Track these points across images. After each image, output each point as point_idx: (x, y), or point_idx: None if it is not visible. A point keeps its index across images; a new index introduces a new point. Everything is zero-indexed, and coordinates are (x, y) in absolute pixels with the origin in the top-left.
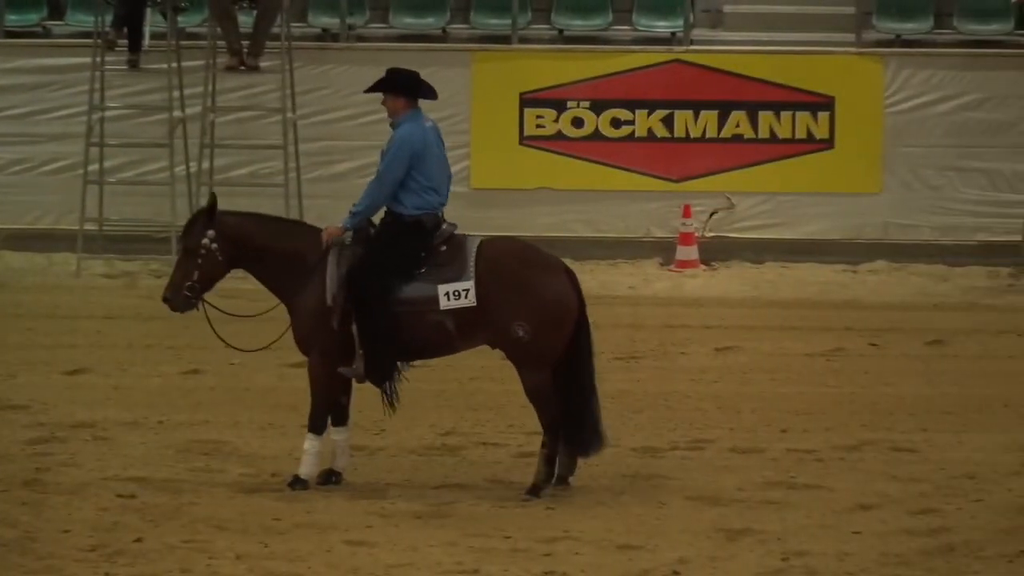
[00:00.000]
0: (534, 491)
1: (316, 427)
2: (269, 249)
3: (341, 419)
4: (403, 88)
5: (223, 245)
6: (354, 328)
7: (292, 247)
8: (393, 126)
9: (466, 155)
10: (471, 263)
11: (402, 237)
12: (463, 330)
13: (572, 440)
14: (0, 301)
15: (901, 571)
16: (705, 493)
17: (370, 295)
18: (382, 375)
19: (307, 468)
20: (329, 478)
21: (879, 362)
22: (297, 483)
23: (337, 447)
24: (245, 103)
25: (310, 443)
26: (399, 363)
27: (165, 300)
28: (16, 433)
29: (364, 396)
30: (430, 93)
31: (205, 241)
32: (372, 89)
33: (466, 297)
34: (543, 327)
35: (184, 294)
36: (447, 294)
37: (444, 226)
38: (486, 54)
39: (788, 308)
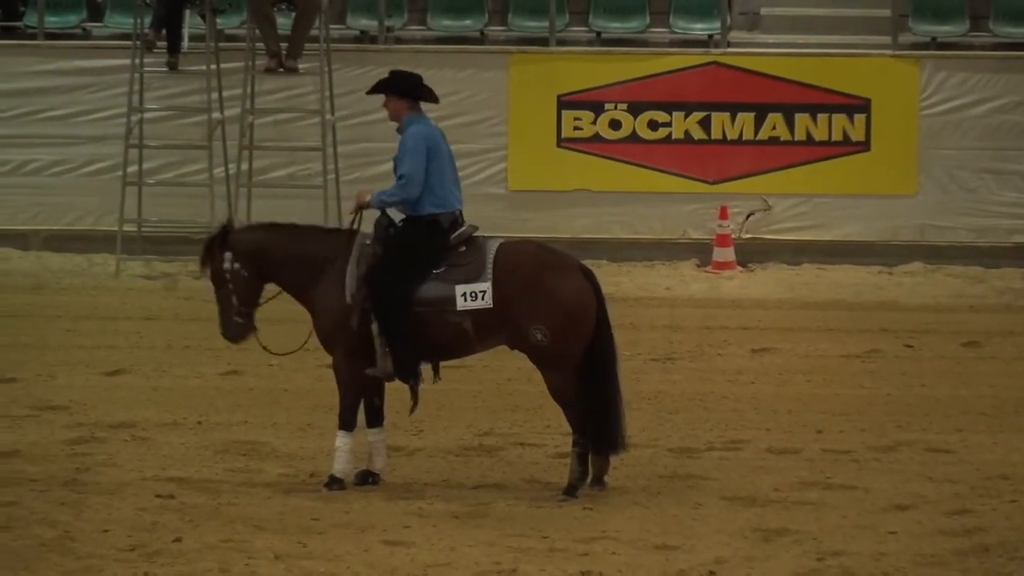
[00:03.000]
0: (570, 491)
1: (345, 424)
2: (287, 255)
3: (376, 420)
4: (406, 90)
5: (244, 262)
6: (373, 327)
7: (310, 250)
8: (399, 130)
9: (504, 157)
10: (489, 265)
11: (419, 236)
12: (481, 331)
13: (597, 440)
14: (40, 302)
15: (936, 571)
16: (741, 493)
17: (388, 295)
18: (407, 373)
19: (341, 465)
20: (366, 479)
21: (915, 364)
22: (333, 483)
23: (373, 448)
24: (284, 105)
25: (341, 440)
26: (422, 363)
27: (225, 338)
28: (56, 433)
29: (403, 397)
30: (431, 96)
31: (226, 265)
32: (374, 90)
33: (483, 299)
34: (561, 328)
35: (235, 321)
36: (464, 295)
37: (464, 227)
38: (524, 56)
39: (824, 310)
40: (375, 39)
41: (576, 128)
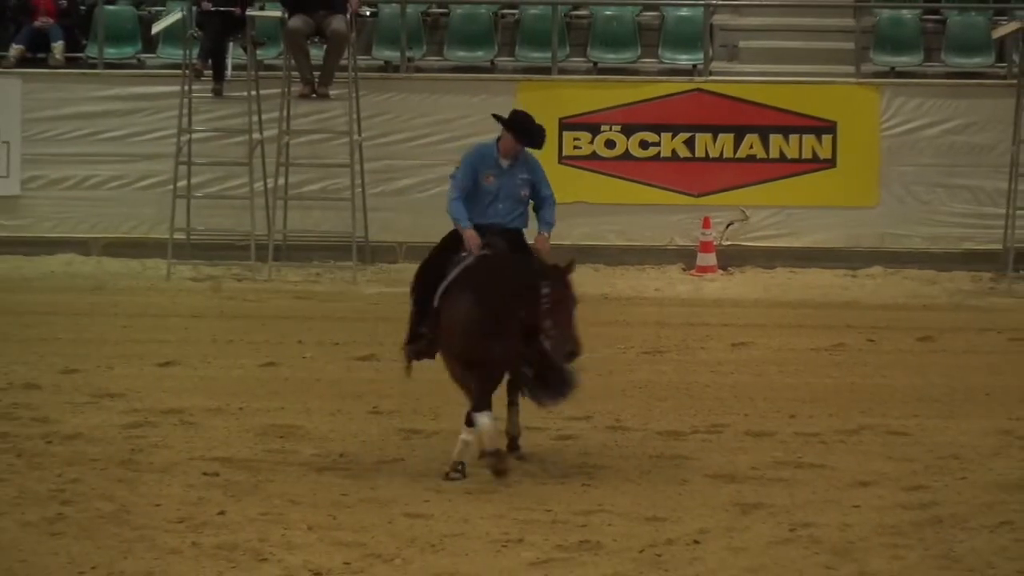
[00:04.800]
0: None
1: (479, 406)
2: None
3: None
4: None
5: None
6: None
7: None
8: (514, 158)
9: None
10: None
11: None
12: None
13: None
14: (99, 302)
15: (895, 540)
16: (722, 471)
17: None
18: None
19: (489, 442)
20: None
21: (876, 356)
22: (490, 456)
23: (461, 443)
24: (316, 126)
25: (480, 420)
26: None
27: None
28: (113, 418)
29: (417, 385)
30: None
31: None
32: (525, 138)
33: None
34: None
35: None
36: None
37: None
38: (529, 84)
39: (796, 308)
40: (398, 68)
41: (576, 147)
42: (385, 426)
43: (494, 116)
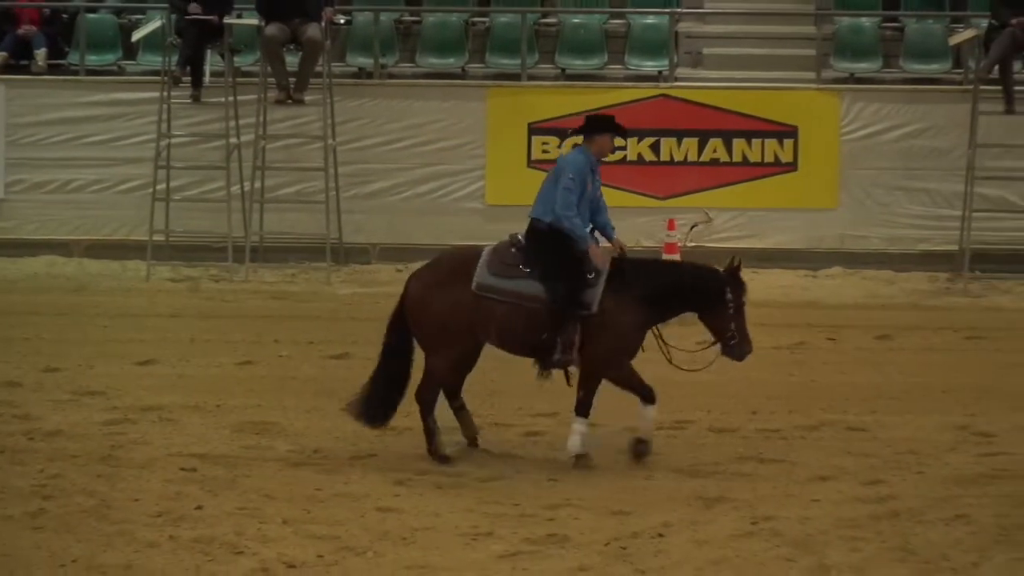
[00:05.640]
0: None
1: (652, 397)
2: None
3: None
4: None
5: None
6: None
7: None
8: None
9: (482, 176)
10: None
11: None
12: None
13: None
14: (80, 302)
15: (854, 533)
16: (686, 466)
17: None
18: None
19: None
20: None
21: (836, 354)
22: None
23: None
24: (292, 131)
25: (651, 411)
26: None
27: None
28: (94, 415)
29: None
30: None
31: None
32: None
33: None
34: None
35: None
36: None
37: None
38: (499, 89)
39: (757, 307)
40: (371, 75)
41: (544, 151)
42: (358, 423)
43: (580, 129)
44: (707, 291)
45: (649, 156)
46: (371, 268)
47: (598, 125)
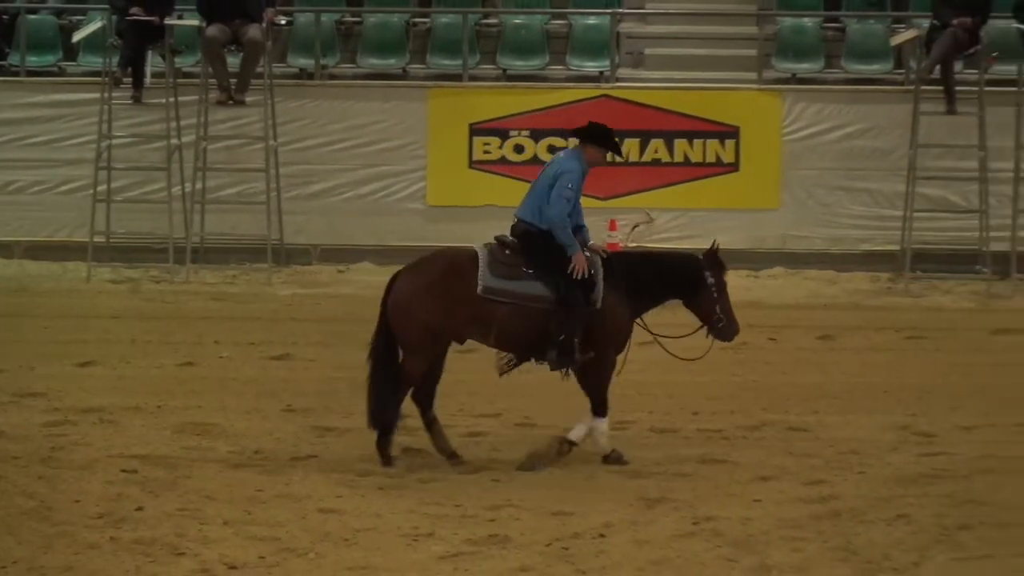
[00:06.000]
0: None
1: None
2: None
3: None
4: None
5: None
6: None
7: None
8: None
9: (423, 177)
10: None
11: None
12: None
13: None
14: (20, 303)
15: (795, 533)
16: (628, 467)
17: None
18: None
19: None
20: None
21: (777, 354)
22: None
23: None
24: (233, 132)
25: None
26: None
27: None
28: (34, 417)
29: (330, 384)
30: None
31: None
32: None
33: None
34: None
35: None
36: None
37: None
38: (440, 90)
39: None
40: (312, 75)
41: (486, 152)
42: (299, 424)
43: (579, 132)
44: (689, 277)
45: None
46: (312, 269)
47: (598, 136)
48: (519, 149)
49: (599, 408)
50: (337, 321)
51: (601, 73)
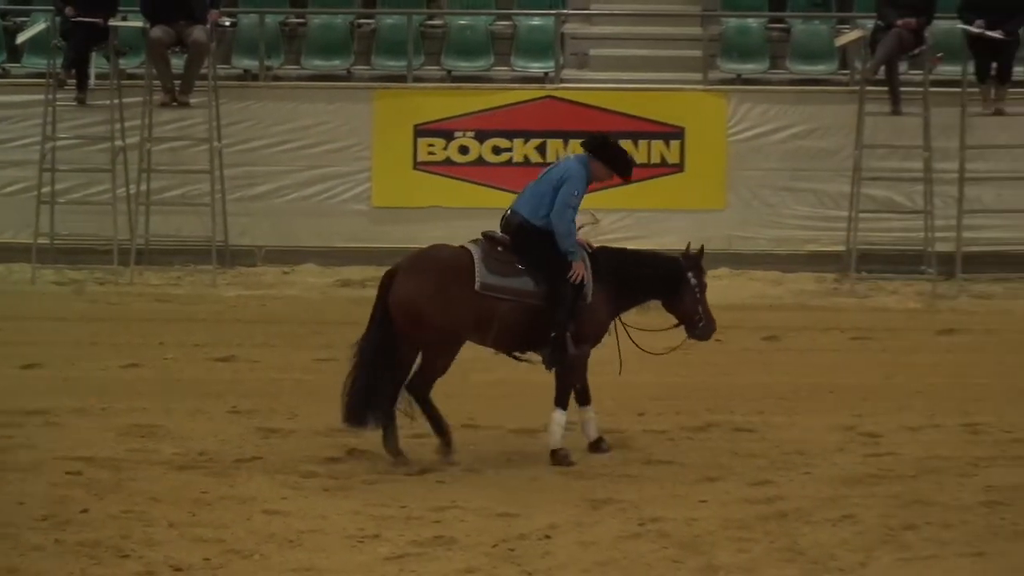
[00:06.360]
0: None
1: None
2: None
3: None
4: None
5: None
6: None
7: None
8: None
9: (368, 178)
10: None
11: None
12: None
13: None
14: None
15: (741, 534)
16: (573, 468)
17: None
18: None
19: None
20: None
21: (723, 355)
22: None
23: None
24: (177, 134)
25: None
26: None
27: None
28: None
29: (275, 385)
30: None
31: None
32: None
33: None
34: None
35: None
36: None
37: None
38: (385, 91)
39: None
40: (256, 77)
41: (430, 153)
42: (244, 425)
43: (593, 143)
44: (673, 278)
45: (535, 158)
46: (257, 270)
47: (612, 158)
48: (464, 150)
49: (562, 400)
50: (282, 322)
51: (546, 74)
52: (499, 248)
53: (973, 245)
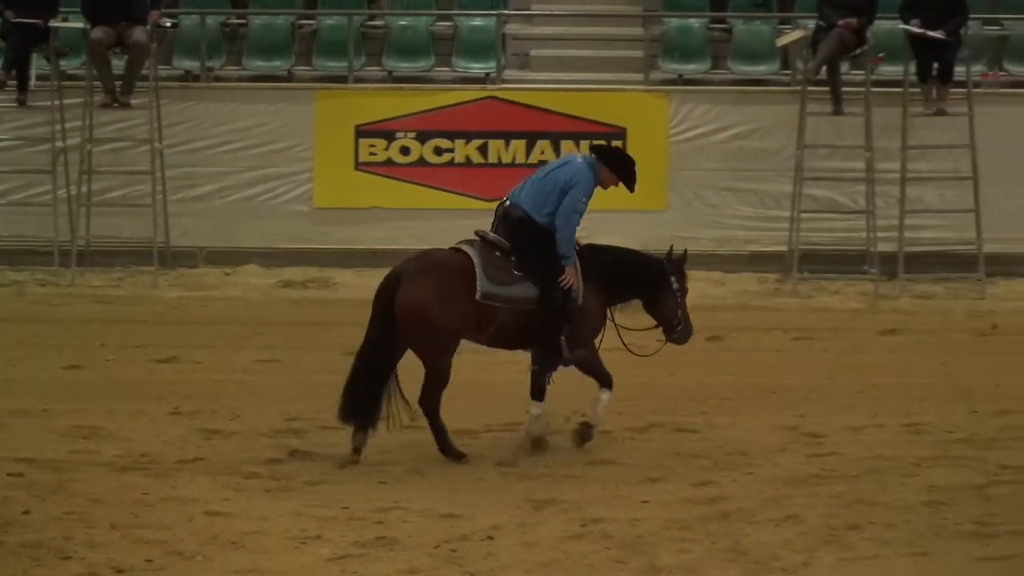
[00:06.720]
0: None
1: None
2: None
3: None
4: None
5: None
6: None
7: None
8: None
9: (309, 179)
10: None
11: None
12: None
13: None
14: None
15: (684, 534)
16: (516, 468)
17: None
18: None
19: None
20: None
21: (665, 355)
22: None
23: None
24: (118, 135)
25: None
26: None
27: None
28: None
29: (216, 386)
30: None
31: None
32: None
33: None
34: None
35: None
36: None
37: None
38: (326, 92)
39: None
40: (197, 78)
41: (372, 154)
42: (185, 426)
43: (602, 151)
44: (656, 280)
45: (477, 158)
46: (198, 272)
47: (620, 167)
48: (405, 151)
49: (604, 381)
50: (223, 323)
51: (487, 75)
52: (496, 253)
53: (915, 245)
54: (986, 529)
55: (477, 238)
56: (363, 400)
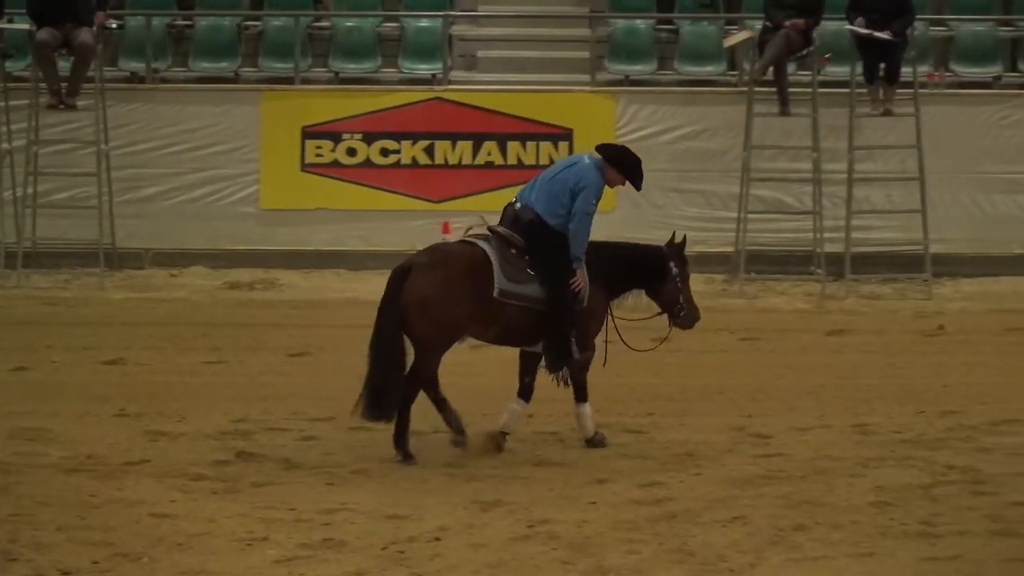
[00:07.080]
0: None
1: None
2: None
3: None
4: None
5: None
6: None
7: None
8: None
9: (256, 180)
10: None
11: None
12: None
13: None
14: None
15: (631, 535)
16: (463, 469)
17: None
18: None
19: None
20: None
21: (612, 356)
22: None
23: (512, 413)
24: (64, 136)
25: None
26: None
27: None
28: None
29: (162, 388)
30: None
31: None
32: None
33: None
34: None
35: None
36: None
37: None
38: (273, 93)
39: None
40: (143, 79)
41: (318, 155)
42: (132, 428)
43: (608, 152)
44: (656, 267)
45: (423, 159)
46: (145, 273)
47: (627, 168)
48: (352, 152)
49: (581, 395)
50: (170, 325)
51: (434, 76)
52: (512, 250)
53: (862, 246)
54: (933, 529)
55: (493, 236)
56: (385, 393)
